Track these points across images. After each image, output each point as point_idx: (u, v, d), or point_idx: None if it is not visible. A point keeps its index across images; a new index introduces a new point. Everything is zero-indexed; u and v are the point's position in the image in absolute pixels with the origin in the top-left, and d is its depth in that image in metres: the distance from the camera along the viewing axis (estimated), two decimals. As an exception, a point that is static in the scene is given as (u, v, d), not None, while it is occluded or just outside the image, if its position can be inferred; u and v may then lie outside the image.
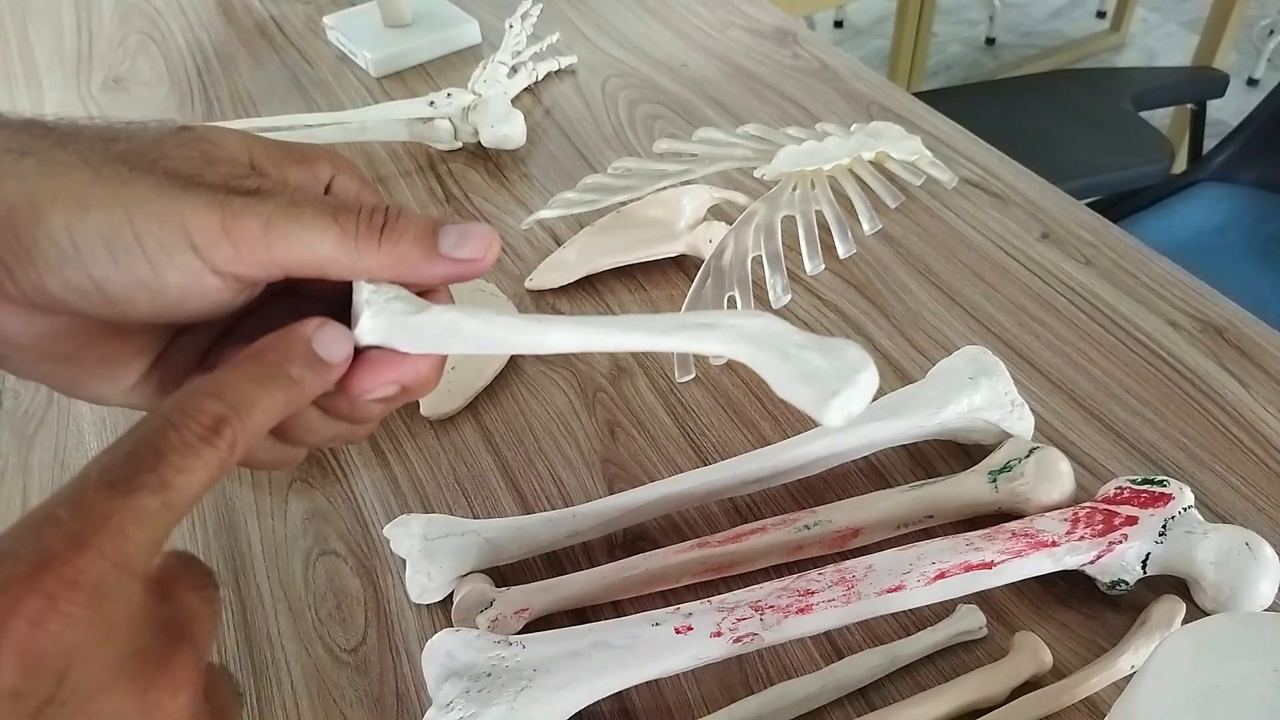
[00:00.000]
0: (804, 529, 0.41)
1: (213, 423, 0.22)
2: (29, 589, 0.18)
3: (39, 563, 0.19)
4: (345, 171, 0.28)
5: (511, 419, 0.50)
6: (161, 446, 0.21)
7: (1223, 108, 1.86)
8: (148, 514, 0.20)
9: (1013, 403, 0.44)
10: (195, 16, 0.92)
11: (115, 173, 0.23)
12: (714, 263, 0.54)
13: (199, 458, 0.21)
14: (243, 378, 0.23)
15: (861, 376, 0.24)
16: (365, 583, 0.44)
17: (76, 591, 0.19)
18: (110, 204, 0.23)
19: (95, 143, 0.24)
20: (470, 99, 0.69)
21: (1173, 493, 0.40)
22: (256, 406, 0.23)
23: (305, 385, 0.24)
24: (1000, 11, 2.51)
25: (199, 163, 0.25)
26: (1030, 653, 0.37)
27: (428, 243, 0.26)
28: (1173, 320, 0.52)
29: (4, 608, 0.18)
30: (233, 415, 0.22)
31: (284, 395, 0.24)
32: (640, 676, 0.35)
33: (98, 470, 0.21)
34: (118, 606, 0.20)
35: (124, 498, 0.20)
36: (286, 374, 0.24)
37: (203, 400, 0.22)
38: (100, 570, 0.19)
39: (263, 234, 0.24)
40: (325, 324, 0.25)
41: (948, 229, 0.60)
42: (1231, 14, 1.67)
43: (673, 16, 0.85)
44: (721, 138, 0.65)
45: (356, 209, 0.26)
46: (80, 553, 0.19)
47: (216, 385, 0.23)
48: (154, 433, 0.21)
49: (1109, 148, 1.21)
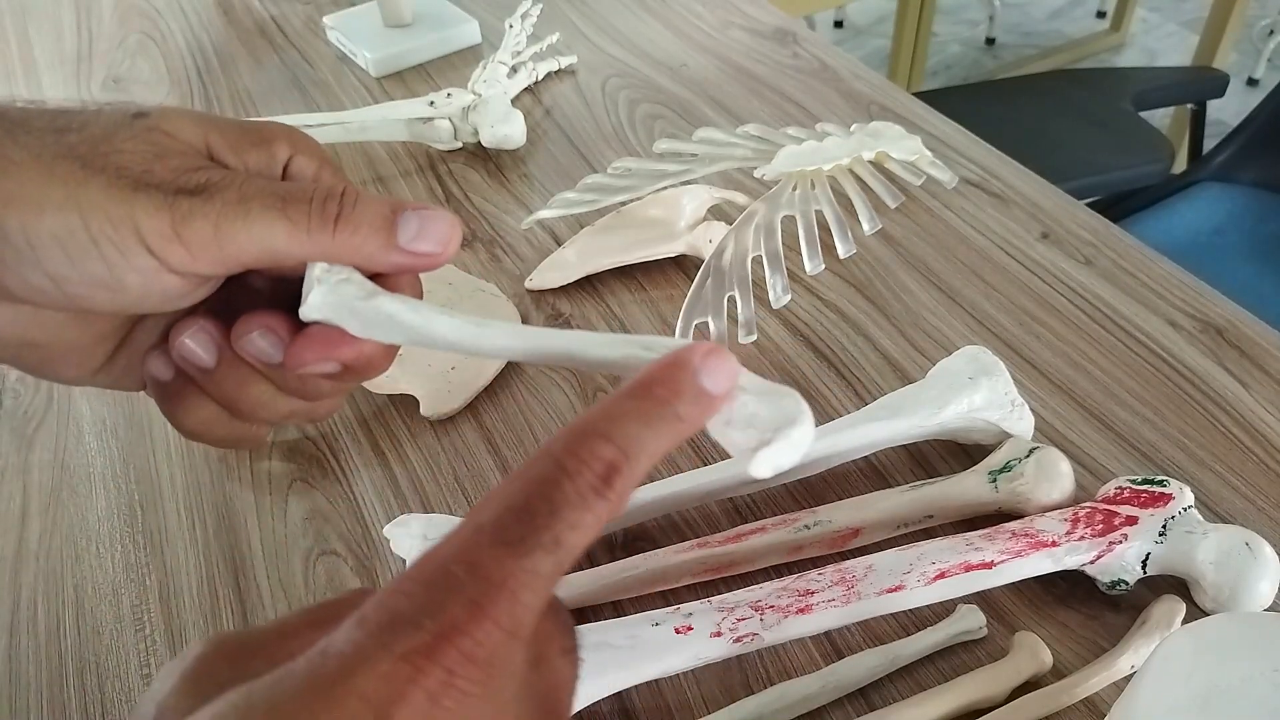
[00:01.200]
0: (804, 529, 0.41)
1: (605, 471, 0.20)
2: (430, 660, 0.17)
3: (440, 632, 0.17)
4: (304, 151, 0.28)
5: (511, 419, 0.50)
6: (556, 500, 0.19)
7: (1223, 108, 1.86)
8: (541, 577, 0.19)
9: (1013, 403, 0.44)
10: (195, 16, 0.92)
11: (68, 171, 0.23)
12: (714, 263, 0.54)
13: (591, 512, 0.20)
14: (633, 416, 0.21)
15: (795, 429, 0.23)
16: (365, 583, 0.44)
17: (474, 666, 0.17)
18: (64, 206, 0.22)
19: (46, 134, 0.23)
20: (470, 99, 0.69)
21: (1173, 493, 0.40)
22: (645, 451, 0.21)
23: (690, 423, 0.22)
24: (1000, 11, 2.51)
25: (149, 157, 0.24)
26: (1030, 653, 0.37)
27: (385, 234, 0.25)
28: (1173, 320, 0.52)
29: (404, 679, 0.17)
30: (624, 460, 0.20)
31: (670, 436, 0.22)
32: (640, 676, 0.35)
33: (492, 524, 0.19)
34: (507, 681, 0.19)
35: (521, 559, 0.18)
36: (675, 412, 0.22)
37: (596, 445, 0.20)
38: (496, 642, 0.18)
39: (213, 235, 0.24)
40: (712, 352, 0.23)
41: (948, 229, 0.60)
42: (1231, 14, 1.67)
43: (673, 16, 0.85)
44: (721, 138, 0.65)
45: (308, 198, 0.25)
46: (479, 623, 0.18)
47: (608, 425, 0.21)
48: (547, 482, 0.20)
49: (1109, 148, 1.21)
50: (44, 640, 0.43)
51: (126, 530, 0.47)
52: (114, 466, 0.50)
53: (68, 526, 0.47)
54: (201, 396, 0.28)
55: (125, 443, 0.51)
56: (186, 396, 0.28)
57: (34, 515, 0.48)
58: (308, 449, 0.50)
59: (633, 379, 0.22)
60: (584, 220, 0.61)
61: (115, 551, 0.46)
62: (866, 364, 0.51)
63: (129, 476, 0.50)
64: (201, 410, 0.28)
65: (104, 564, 0.46)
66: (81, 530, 0.47)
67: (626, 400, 0.22)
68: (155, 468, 0.50)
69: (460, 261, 0.60)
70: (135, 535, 0.47)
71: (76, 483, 0.50)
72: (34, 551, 0.46)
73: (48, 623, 0.44)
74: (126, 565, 0.45)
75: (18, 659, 0.42)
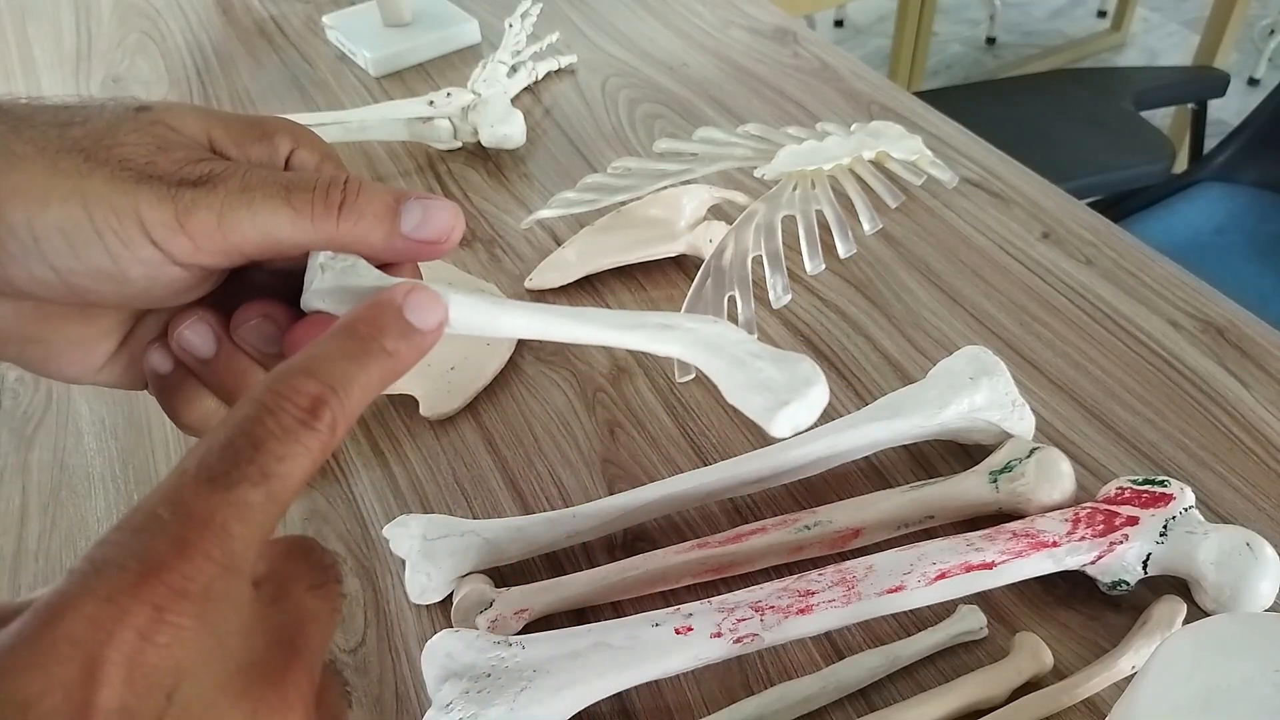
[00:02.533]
0: (804, 529, 0.41)
1: (310, 404, 0.20)
2: (136, 599, 0.17)
3: (144, 570, 0.17)
4: (305, 144, 0.28)
5: (511, 419, 0.50)
6: (258, 434, 0.20)
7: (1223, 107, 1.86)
8: (251, 509, 0.19)
9: (1013, 403, 0.44)
10: (194, 16, 0.92)
11: (72, 164, 0.23)
12: (714, 262, 0.54)
13: (299, 443, 0.20)
14: (337, 353, 0.22)
15: (813, 390, 0.25)
16: (365, 583, 0.43)
17: (185, 601, 0.17)
18: (69, 198, 0.23)
19: (50, 128, 0.23)
20: (470, 98, 0.69)
21: (1173, 493, 0.39)
22: (354, 383, 0.22)
23: (400, 357, 0.23)
24: (1001, 11, 2.51)
25: (152, 149, 0.24)
26: (1031, 653, 0.37)
27: (389, 222, 0.26)
28: (1174, 320, 0.52)
29: (111, 619, 0.17)
30: (330, 394, 0.21)
31: (380, 369, 0.22)
32: (640, 677, 0.35)
33: (194, 464, 0.19)
34: (228, 615, 0.18)
35: (225, 493, 0.19)
36: (381, 346, 0.23)
37: (297, 380, 0.21)
38: (208, 576, 0.18)
39: (217, 225, 0.24)
40: (415, 289, 0.24)
41: (948, 229, 0.60)
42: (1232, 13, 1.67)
43: (673, 16, 0.85)
44: (721, 137, 0.65)
45: (311, 186, 0.25)
46: (186, 558, 0.18)
47: (310, 363, 0.21)
48: (249, 420, 0.20)
49: (1110, 147, 1.21)
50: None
51: (126, 530, 0.47)
52: (113, 467, 0.50)
53: (67, 527, 0.47)
54: (201, 389, 0.28)
55: (124, 443, 0.51)
56: (186, 389, 0.28)
57: (33, 515, 0.48)
58: (307, 449, 0.50)
59: (335, 323, 0.23)
60: (584, 220, 0.61)
61: (114, 552, 0.46)
62: (867, 364, 0.51)
63: (128, 477, 0.50)
64: (201, 403, 0.28)
65: (103, 564, 0.46)
66: (81, 531, 0.47)
67: (331, 340, 0.22)
68: (155, 468, 0.50)
69: (460, 261, 0.60)
70: (134, 535, 0.47)
71: (76, 483, 0.49)
72: (33, 552, 0.46)
73: (47, 623, 0.44)
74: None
75: (17, 659, 0.42)
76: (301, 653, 0.20)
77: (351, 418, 0.22)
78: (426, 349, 0.24)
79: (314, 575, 0.22)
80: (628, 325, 0.27)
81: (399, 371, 0.23)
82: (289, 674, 0.19)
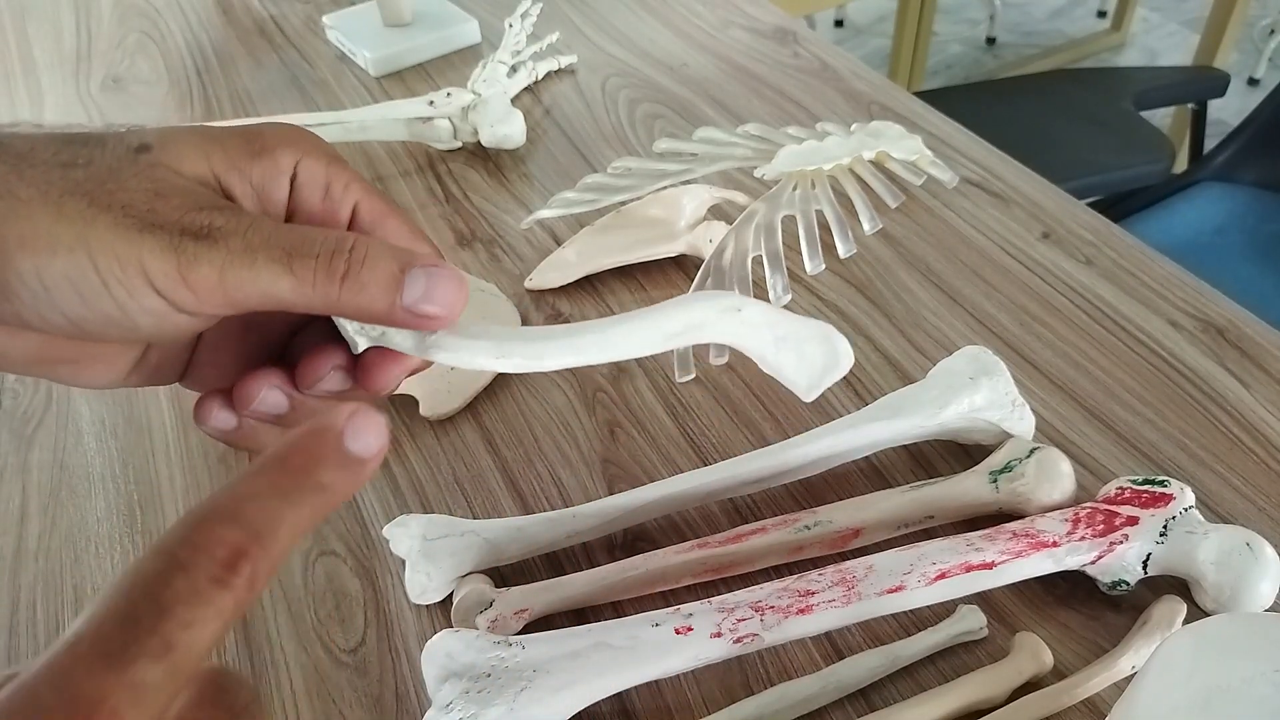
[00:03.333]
0: (804, 529, 0.41)
1: (229, 557, 0.18)
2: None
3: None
4: (310, 153, 0.27)
5: (511, 419, 0.50)
6: (165, 598, 0.17)
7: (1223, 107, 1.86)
8: (148, 689, 0.17)
9: (1013, 403, 0.44)
10: (194, 16, 0.92)
11: (76, 210, 0.23)
12: (714, 262, 0.54)
13: (210, 604, 0.18)
14: (265, 491, 0.19)
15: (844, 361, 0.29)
16: (365, 583, 0.43)
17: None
18: (75, 247, 0.22)
19: (52, 170, 0.23)
20: (470, 98, 0.69)
21: (1173, 493, 0.39)
22: (282, 526, 0.19)
23: (335, 490, 0.21)
24: (1001, 11, 2.51)
25: (152, 195, 0.24)
26: (1031, 653, 0.37)
27: (391, 294, 0.25)
28: (1174, 320, 0.52)
29: None
30: (253, 545, 0.18)
31: (311, 507, 0.20)
32: (640, 677, 0.35)
33: (89, 636, 0.17)
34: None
35: (119, 673, 0.16)
36: (316, 481, 0.20)
37: (216, 529, 0.18)
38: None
39: (219, 282, 0.23)
40: (358, 412, 0.21)
41: (948, 229, 0.60)
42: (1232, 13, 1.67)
43: (673, 16, 0.85)
44: (721, 137, 0.65)
45: (314, 253, 0.24)
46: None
47: (234, 505, 0.19)
48: (157, 579, 0.18)
49: (1110, 147, 1.21)
50: (43, 641, 0.43)
51: (126, 531, 0.47)
52: (113, 467, 0.50)
53: (67, 527, 0.47)
54: (275, 429, 0.28)
55: (124, 443, 0.51)
56: (261, 432, 0.28)
57: (33, 515, 0.48)
58: (307, 449, 0.50)
59: (265, 453, 0.21)
60: (584, 220, 0.61)
61: (115, 552, 0.46)
62: (867, 364, 0.51)
63: (128, 477, 0.50)
64: (276, 436, 0.28)
65: (103, 565, 0.46)
66: (80, 531, 0.47)
67: (257, 477, 0.20)
68: (154, 468, 0.50)
69: (460, 261, 0.60)
70: (135, 536, 0.47)
71: (75, 483, 0.49)
72: (33, 552, 0.46)
73: (47, 623, 0.44)
74: (126, 566, 0.45)
75: (17, 659, 0.42)
76: None
77: (273, 567, 0.19)
78: (365, 479, 0.22)
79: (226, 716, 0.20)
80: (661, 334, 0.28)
81: (332, 507, 0.21)
82: None
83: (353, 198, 0.27)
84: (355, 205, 0.27)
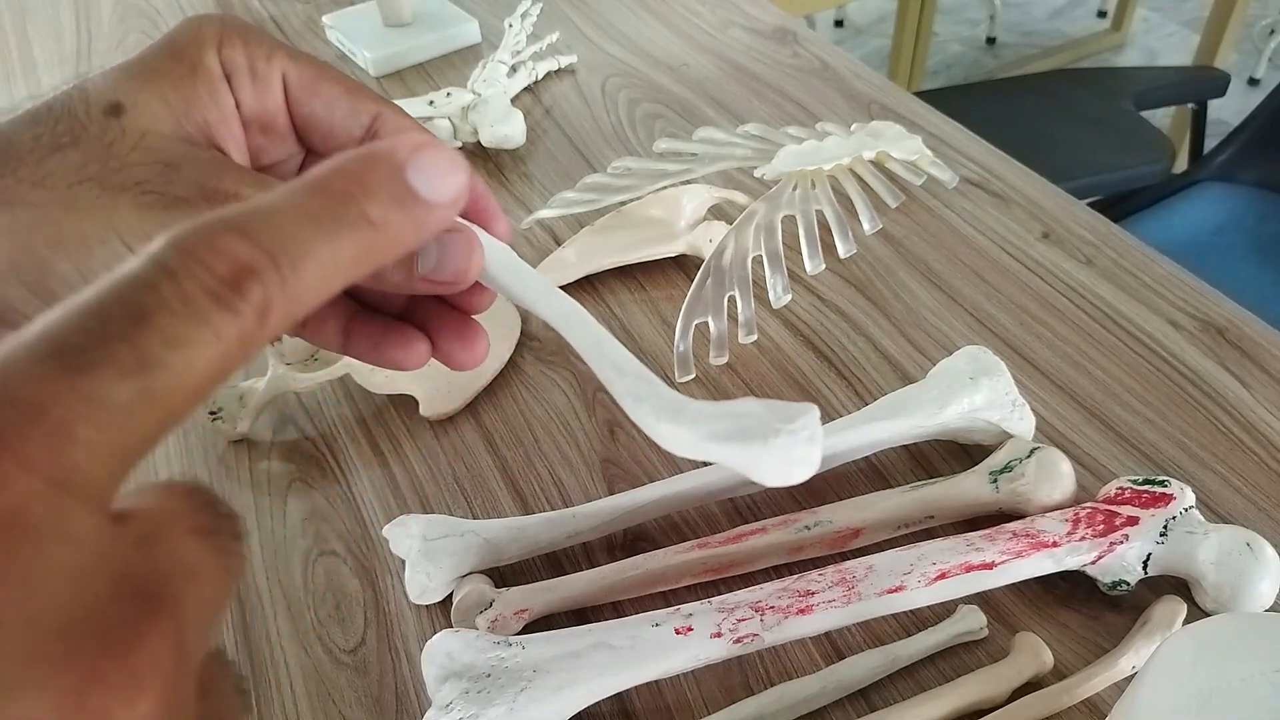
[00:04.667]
0: (804, 529, 0.41)
1: (233, 271, 0.15)
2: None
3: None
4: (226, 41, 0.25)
5: (511, 419, 0.50)
6: (145, 303, 0.14)
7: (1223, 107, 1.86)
8: (112, 406, 0.13)
9: (1013, 403, 0.44)
10: (195, 16, 0.92)
11: (91, 199, 0.22)
12: (714, 262, 0.54)
13: (206, 324, 0.14)
14: (291, 211, 0.16)
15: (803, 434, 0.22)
16: (364, 583, 0.43)
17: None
18: (107, 238, 0.22)
19: (44, 157, 0.22)
20: (470, 98, 0.69)
21: (1174, 493, 0.39)
22: (309, 254, 0.15)
23: (389, 231, 0.17)
24: (1001, 11, 2.51)
25: (161, 169, 0.23)
26: (1031, 653, 0.37)
27: (406, 265, 0.24)
28: (1174, 320, 0.52)
29: None
30: (267, 264, 0.15)
31: (354, 242, 0.16)
32: (640, 677, 0.35)
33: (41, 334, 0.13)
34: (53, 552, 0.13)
35: (73, 377, 0.13)
36: (361, 211, 0.16)
37: (220, 237, 0.15)
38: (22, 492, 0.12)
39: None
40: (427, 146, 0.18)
41: (948, 229, 0.60)
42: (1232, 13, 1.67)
43: (673, 16, 0.85)
44: (721, 137, 0.65)
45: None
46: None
47: (249, 218, 0.15)
48: (135, 281, 0.14)
49: (1110, 147, 1.21)
50: (43, 641, 0.43)
51: (126, 530, 0.47)
52: (113, 467, 0.50)
53: (67, 527, 0.47)
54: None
55: (124, 443, 0.51)
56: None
57: (33, 515, 0.48)
58: (306, 449, 0.50)
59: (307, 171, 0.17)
60: (584, 220, 0.61)
61: (114, 552, 0.46)
62: (867, 364, 0.51)
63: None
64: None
65: (103, 564, 0.46)
66: (80, 530, 0.47)
67: (287, 193, 0.16)
68: (154, 468, 0.50)
69: (460, 261, 0.60)
70: (134, 535, 0.47)
71: (76, 483, 0.49)
72: (33, 552, 0.46)
73: (47, 623, 0.43)
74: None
75: (17, 659, 0.42)
76: (165, 612, 0.14)
77: (297, 306, 0.15)
78: (430, 231, 0.18)
79: (201, 518, 0.15)
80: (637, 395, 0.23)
81: (384, 253, 0.17)
82: (142, 638, 0.13)
83: (278, 70, 0.26)
84: (283, 77, 0.26)
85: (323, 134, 0.26)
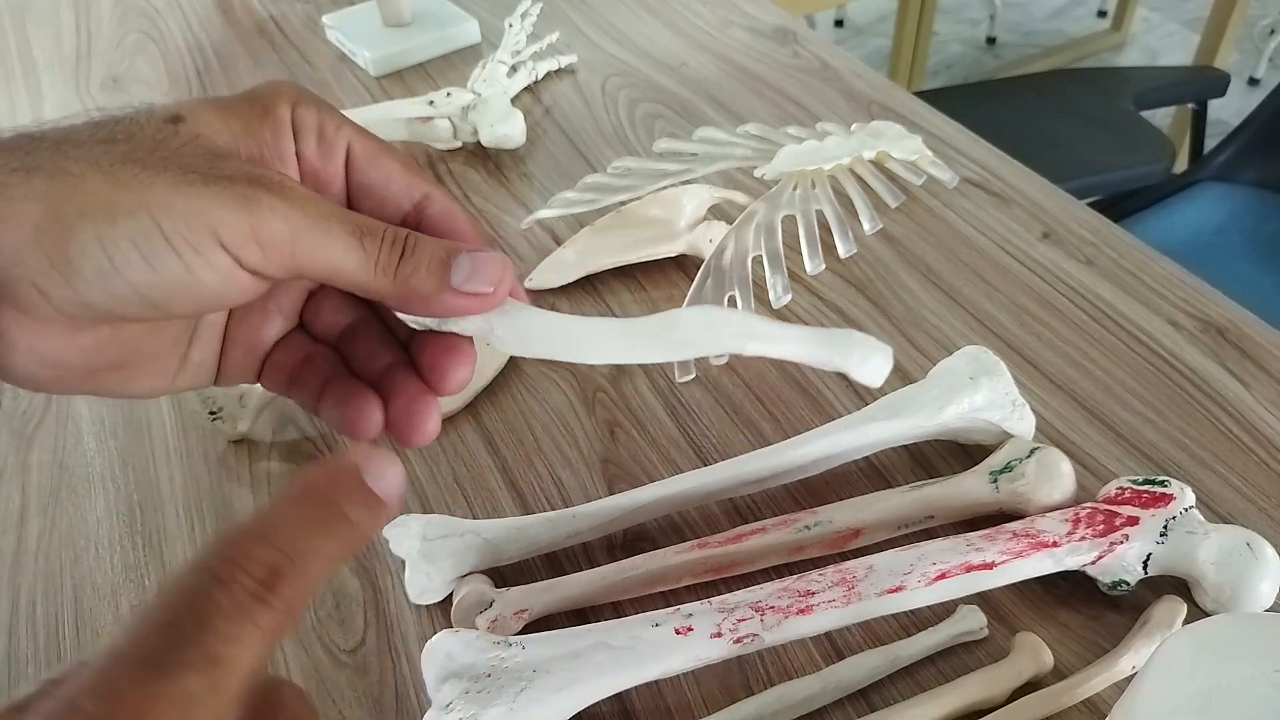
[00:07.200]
0: (804, 529, 0.41)
1: (266, 575, 0.18)
2: None
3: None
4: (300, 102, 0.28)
5: (511, 419, 0.50)
6: (206, 611, 0.17)
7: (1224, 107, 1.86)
8: (193, 700, 0.17)
9: (1013, 403, 0.44)
10: (194, 16, 0.92)
11: (130, 175, 0.23)
12: (714, 262, 0.54)
13: (251, 621, 0.18)
14: (296, 519, 0.20)
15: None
16: (364, 583, 0.43)
17: None
18: (135, 210, 0.22)
19: (95, 146, 0.23)
20: (470, 98, 0.69)
21: (1174, 493, 0.39)
22: (313, 555, 0.20)
23: (361, 526, 0.21)
24: (1001, 11, 2.51)
25: (210, 157, 0.24)
26: (1031, 653, 0.37)
27: (440, 275, 0.26)
28: (1174, 320, 0.52)
29: None
30: (288, 566, 0.19)
31: (340, 540, 0.21)
32: (640, 677, 0.35)
33: (131, 647, 0.17)
34: None
35: (164, 682, 0.16)
36: (343, 515, 0.21)
37: (252, 547, 0.19)
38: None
39: (289, 239, 0.24)
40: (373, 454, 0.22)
41: (949, 229, 0.60)
42: (1233, 13, 1.67)
43: (673, 16, 0.85)
44: (721, 137, 0.65)
45: (380, 232, 0.25)
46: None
47: (266, 527, 0.19)
48: (196, 593, 0.18)
49: (1110, 147, 1.21)
50: (43, 641, 0.43)
51: (125, 531, 0.47)
52: (113, 467, 0.50)
53: (67, 527, 0.47)
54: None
55: (124, 443, 0.51)
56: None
57: (33, 515, 0.48)
58: (307, 449, 0.50)
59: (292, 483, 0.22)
60: (584, 220, 0.61)
61: (114, 552, 0.46)
62: (867, 364, 0.51)
63: (128, 477, 0.49)
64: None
65: (103, 565, 0.46)
66: (80, 531, 0.47)
67: (286, 505, 0.20)
68: (154, 468, 0.50)
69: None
70: (134, 536, 0.47)
71: (75, 483, 0.49)
72: (33, 552, 0.46)
73: (46, 623, 0.44)
74: (125, 566, 0.45)
75: (16, 659, 0.42)
76: None
77: (307, 594, 0.19)
78: (383, 523, 0.23)
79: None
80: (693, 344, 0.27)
81: (357, 546, 0.21)
82: None
83: (345, 139, 0.28)
84: (349, 146, 0.28)
85: (375, 202, 0.28)
